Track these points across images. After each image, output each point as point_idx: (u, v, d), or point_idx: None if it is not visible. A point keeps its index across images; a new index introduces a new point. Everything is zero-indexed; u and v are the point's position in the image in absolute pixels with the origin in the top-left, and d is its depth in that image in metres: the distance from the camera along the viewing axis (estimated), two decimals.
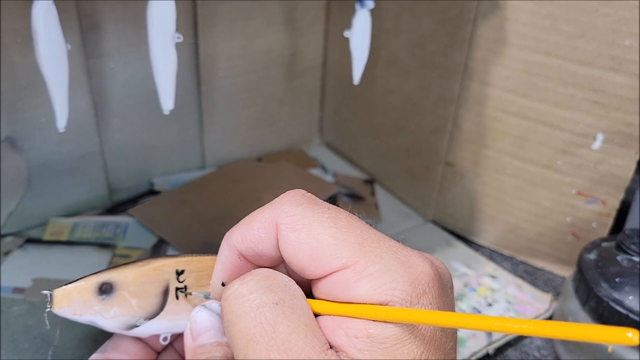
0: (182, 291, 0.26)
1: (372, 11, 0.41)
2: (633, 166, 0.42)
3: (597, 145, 0.42)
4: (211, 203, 0.51)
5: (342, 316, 0.20)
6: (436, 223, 0.53)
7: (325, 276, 0.21)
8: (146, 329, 0.26)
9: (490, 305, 0.44)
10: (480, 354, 0.39)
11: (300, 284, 0.22)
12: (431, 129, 0.50)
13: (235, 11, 0.50)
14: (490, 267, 0.48)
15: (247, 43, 0.53)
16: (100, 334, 0.31)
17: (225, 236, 0.24)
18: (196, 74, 0.51)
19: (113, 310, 0.25)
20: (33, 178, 0.45)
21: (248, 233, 0.23)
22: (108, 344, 0.27)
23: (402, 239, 0.51)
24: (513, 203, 0.48)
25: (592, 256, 0.38)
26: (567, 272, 0.48)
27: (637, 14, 0.38)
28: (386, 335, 0.19)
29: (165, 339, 0.27)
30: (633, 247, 0.36)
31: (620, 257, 0.37)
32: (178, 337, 0.28)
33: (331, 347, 0.20)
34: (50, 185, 0.47)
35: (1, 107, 0.42)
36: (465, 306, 0.43)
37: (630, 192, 0.45)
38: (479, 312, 0.43)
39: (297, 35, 0.56)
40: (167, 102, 0.37)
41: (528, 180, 0.46)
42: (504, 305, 0.44)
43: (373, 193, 0.57)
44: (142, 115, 0.50)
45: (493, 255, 0.50)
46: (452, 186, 0.51)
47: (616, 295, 0.34)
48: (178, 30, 0.35)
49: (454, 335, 0.22)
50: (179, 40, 0.36)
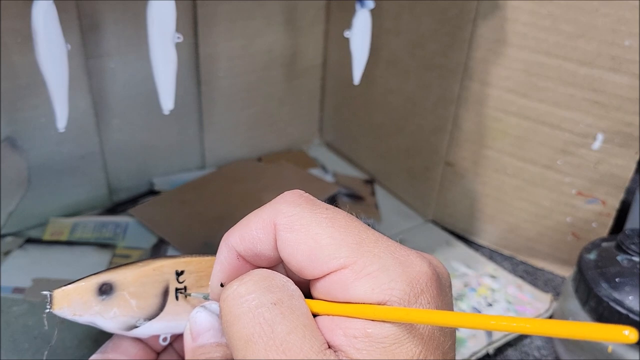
0: (182, 292, 0.26)
1: (372, 11, 0.41)
2: (633, 166, 0.42)
3: (597, 145, 0.42)
4: (211, 203, 0.51)
5: (341, 316, 0.20)
6: (436, 223, 0.53)
7: (323, 276, 0.21)
8: (146, 330, 0.26)
9: (490, 305, 0.44)
10: (480, 354, 0.39)
11: (298, 284, 0.22)
12: (431, 129, 0.50)
13: (235, 11, 0.50)
14: (490, 267, 0.48)
15: (247, 43, 0.53)
16: (100, 334, 0.31)
17: (223, 237, 0.24)
18: (196, 74, 0.51)
19: (113, 310, 0.25)
20: (33, 178, 0.45)
21: (246, 234, 0.23)
22: (108, 345, 0.27)
23: (402, 239, 0.51)
24: (513, 203, 0.48)
25: (592, 256, 0.38)
26: (567, 272, 0.48)
27: (637, 14, 0.38)
28: (384, 334, 0.19)
29: (165, 340, 0.27)
30: (633, 247, 0.36)
31: (620, 257, 0.37)
32: (178, 338, 0.28)
33: (330, 347, 0.20)
34: (50, 185, 0.47)
35: (1, 107, 0.42)
36: (465, 306, 0.43)
37: (630, 192, 0.45)
38: (479, 312, 0.43)
39: (297, 35, 0.56)
40: (167, 102, 0.37)
41: (528, 180, 0.46)
42: (504, 305, 0.44)
43: (373, 193, 0.57)
44: (142, 115, 0.50)
45: (493, 255, 0.50)
46: (452, 186, 0.51)
47: (616, 295, 0.34)
48: (178, 30, 0.35)
49: (453, 334, 0.22)
50: (179, 40, 0.36)
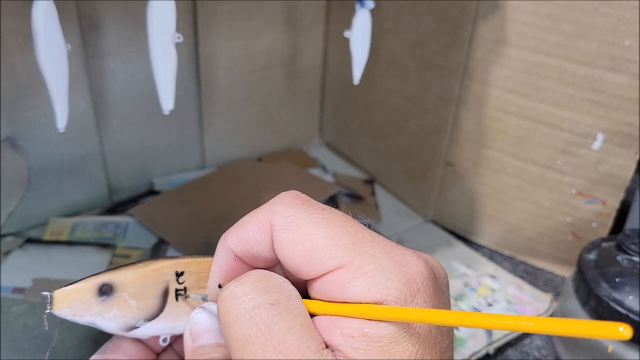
0: (181, 293, 0.26)
1: (372, 11, 0.41)
2: (633, 166, 0.42)
3: (597, 145, 0.42)
4: (211, 203, 0.51)
5: (338, 316, 0.21)
6: (436, 223, 0.53)
7: (320, 276, 0.21)
8: (146, 330, 0.26)
9: (490, 305, 0.44)
10: (480, 354, 0.39)
11: (296, 285, 0.22)
12: (431, 129, 0.50)
13: (235, 11, 0.50)
14: (490, 267, 0.48)
15: (247, 43, 0.53)
16: (100, 335, 0.31)
17: (220, 238, 0.24)
18: (196, 74, 0.51)
19: (113, 311, 0.25)
20: (33, 178, 0.45)
21: (243, 235, 0.23)
22: (108, 345, 0.27)
23: (402, 239, 0.51)
24: (513, 203, 0.48)
25: (592, 256, 0.38)
26: (567, 272, 0.48)
27: (637, 14, 0.38)
28: (381, 334, 0.19)
29: (164, 340, 0.27)
30: (633, 247, 0.36)
31: (620, 257, 0.37)
32: (178, 339, 0.28)
33: (327, 347, 0.20)
34: (50, 185, 0.47)
35: (1, 107, 0.42)
36: (465, 306, 0.43)
37: (630, 192, 0.45)
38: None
39: (297, 35, 0.56)
40: (167, 102, 0.37)
41: (528, 180, 0.46)
42: (504, 305, 0.44)
43: (373, 193, 0.57)
44: (142, 115, 0.50)
45: (493, 255, 0.50)
46: (452, 186, 0.51)
47: (616, 295, 0.34)
48: (178, 30, 0.35)
49: (450, 333, 0.22)
50: (179, 40, 0.36)
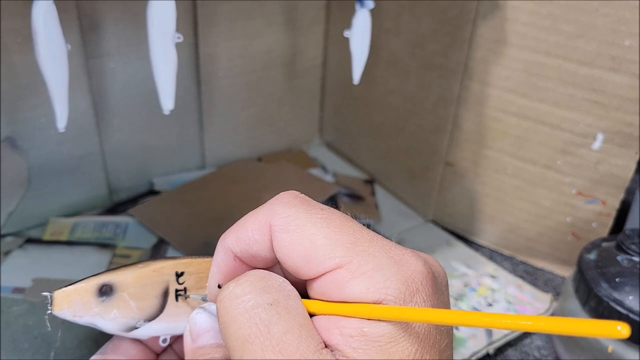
0: (180, 294, 0.26)
1: (372, 11, 0.41)
2: (633, 166, 0.42)
3: (597, 145, 0.42)
4: (211, 203, 0.51)
5: (337, 315, 0.21)
6: (436, 223, 0.53)
7: (319, 276, 0.21)
8: (146, 331, 0.26)
9: (490, 305, 0.44)
10: (480, 354, 0.39)
11: (295, 285, 0.22)
12: (431, 129, 0.50)
13: (235, 11, 0.50)
14: (490, 267, 0.48)
15: (247, 43, 0.53)
16: (100, 335, 0.31)
17: (220, 238, 0.24)
18: (196, 74, 0.51)
19: (113, 312, 0.25)
20: (33, 178, 0.45)
21: (242, 235, 0.23)
22: (108, 346, 0.27)
23: (402, 239, 0.51)
24: (513, 203, 0.48)
25: (592, 256, 0.38)
26: (567, 272, 0.48)
27: (637, 14, 0.38)
28: (380, 333, 0.19)
29: (164, 341, 0.27)
30: (633, 247, 0.36)
31: (620, 257, 0.37)
32: (178, 339, 0.28)
33: (326, 347, 0.20)
34: (50, 185, 0.47)
35: (1, 107, 0.42)
36: (465, 306, 0.43)
37: (630, 192, 0.45)
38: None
39: (297, 35, 0.56)
40: (167, 102, 0.37)
41: (528, 180, 0.46)
42: (504, 305, 0.44)
43: (373, 193, 0.57)
44: (142, 115, 0.50)
45: (493, 255, 0.50)
46: (452, 186, 0.51)
47: (616, 295, 0.35)
48: (178, 30, 0.35)
49: (449, 332, 0.22)
50: (179, 40, 0.36)
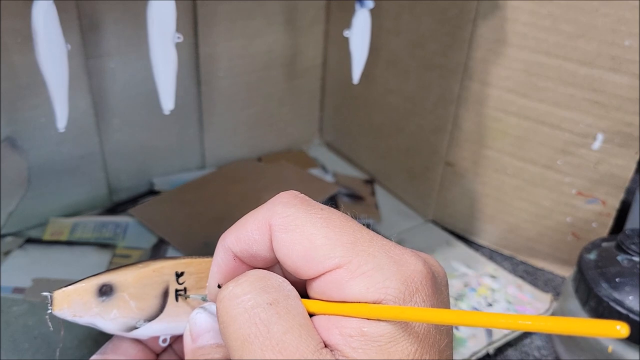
0: (180, 294, 0.26)
1: (372, 11, 0.41)
2: (633, 166, 0.42)
3: (597, 145, 0.42)
4: (211, 203, 0.51)
5: (337, 315, 0.21)
6: (436, 223, 0.53)
7: (319, 276, 0.21)
8: (146, 331, 0.26)
9: (490, 305, 0.44)
10: (480, 354, 0.39)
11: (295, 285, 0.22)
12: (431, 129, 0.50)
13: (235, 11, 0.50)
14: (490, 267, 0.48)
15: (247, 43, 0.53)
16: (100, 335, 0.31)
17: (220, 238, 0.24)
18: (196, 74, 0.51)
19: (113, 312, 0.25)
20: (33, 178, 0.45)
21: (242, 235, 0.23)
22: (107, 346, 0.27)
23: (402, 239, 0.51)
24: (513, 203, 0.48)
25: (592, 256, 0.38)
26: (567, 272, 0.48)
27: (637, 14, 0.38)
28: (380, 333, 0.19)
29: (164, 341, 0.27)
30: (633, 247, 0.36)
31: (620, 257, 0.37)
32: (177, 339, 0.28)
33: (326, 347, 0.20)
34: (50, 185, 0.47)
35: (1, 107, 0.42)
36: (465, 306, 0.43)
37: (630, 192, 0.45)
38: None
39: (297, 35, 0.56)
40: (167, 102, 0.37)
41: (528, 180, 0.46)
42: (504, 305, 0.44)
43: (373, 193, 0.57)
44: (142, 115, 0.50)
45: (493, 255, 0.50)
46: (452, 186, 0.51)
47: (616, 295, 0.34)
48: (178, 30, 0.35)
49: (449, 332, 0.22)
50: (179, 40, 0.36)
